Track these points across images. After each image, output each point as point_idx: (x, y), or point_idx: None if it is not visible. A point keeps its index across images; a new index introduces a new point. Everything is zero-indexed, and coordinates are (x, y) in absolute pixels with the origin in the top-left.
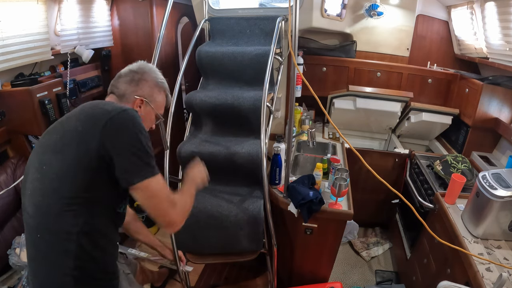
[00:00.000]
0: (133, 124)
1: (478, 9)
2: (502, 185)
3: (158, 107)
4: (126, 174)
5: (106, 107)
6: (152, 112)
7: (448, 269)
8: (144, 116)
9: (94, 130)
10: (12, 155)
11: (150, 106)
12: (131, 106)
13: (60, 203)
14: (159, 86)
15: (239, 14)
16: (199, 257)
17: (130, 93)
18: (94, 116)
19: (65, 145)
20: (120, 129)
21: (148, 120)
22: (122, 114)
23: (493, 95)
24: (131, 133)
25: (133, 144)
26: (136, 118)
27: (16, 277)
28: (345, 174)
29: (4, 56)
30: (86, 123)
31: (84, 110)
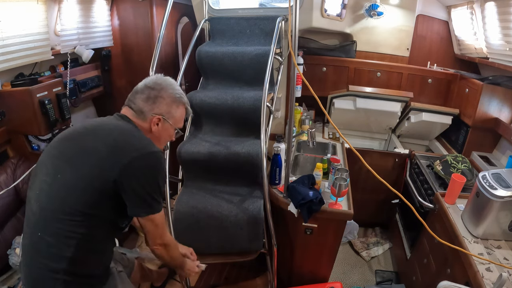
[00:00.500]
0: (157, 169)
1: (478, 9)
2: (502, 185)
3: (176, 122)
4: (137, 209)
5: (134, 142)
6: (171, 128)
7: (448, 269)
8: (162, 132)
9: (115, 162)
10: (12, 155)
11: (168, 123)
12: (149, 123)
13: (64, 212)
14: (177, 101)
15: (239, 14)
16: (199, 257)
17: (148, 111)
18: (121, 148)
19: (82, 162)
20: (142, 173)
21: (166, 135)
22: (148, 158)
23: (493, 95)
24: (152, 177)
25: (150, 186)
26: (161, 163)
27: (16, 277)
28: (345, 174)
29: (4, 56)
30: (110, 151)
31: (112, 134)
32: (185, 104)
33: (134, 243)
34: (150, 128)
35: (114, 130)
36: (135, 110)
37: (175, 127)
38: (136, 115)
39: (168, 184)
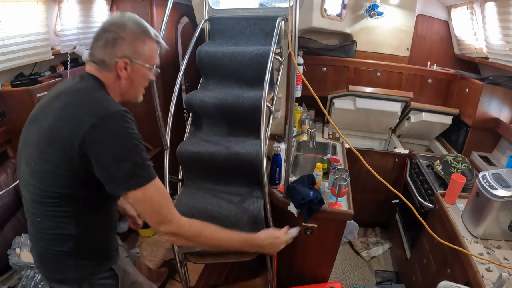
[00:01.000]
0: (121, 131)
1: (478, 9)
2: (502, 185)
3: (147, 59)
4: (111, 185)
5: (90, 108)
6: (143, 68)
7: (448, 269)
8: (133, 76)
9: (74, 137)
10: (12, 155)
11: (137, 63)
12: (115, 71)
13: (48, 196)
14: (142, 37)
15: (239, 14)
16: (199, 257)
17: (109, 59)
18: (78, 119)
19: (46, 146)
20: (104, 140)
21: (139, 78)
22: (107, 122)
23: (493, 95)
24: (118, 142)
25: (118, 153)
26: (125, 122)
27: (16, 277)
28: (345, 174)
29: (4, 56)
30: (67, 127)
31: (66, 107)
32: (152, 37)
33: (134, 243)
34: (118, 76)
35: (69, 101)
36: (97, 62)
37: (147, 65)
38: (99, 67)
39: (168, 184)
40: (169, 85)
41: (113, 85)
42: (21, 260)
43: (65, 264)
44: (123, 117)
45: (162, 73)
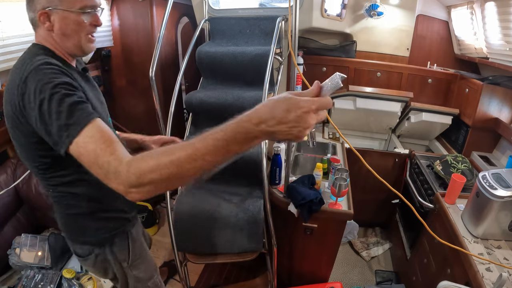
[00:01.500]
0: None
1: (478, 9)
2: (502, 185)
3: (71, 4)
4: (53, 144)
5: (16, 74)
6: (70, 14)
7: (448, 269)
8: (61, 26)
9: (15, 108)
10: (12, 155)
11: (60, 11)
12: (43, 27)
13: (42, 171)
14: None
15: (239, 14)
16: (199, 257)
17: (33, 15)
18: (11, 90)
19: (11, 130)
20: (29, 98)
21: (71, 26)
22: (25, 82)
23: (493, 95)
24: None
25: (41, 109)
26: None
27: (16, 277)
28: (345, 174)
29: (4, 56)
30: (9, 100)
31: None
32: None
33: None
34: (47, 30)
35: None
36: (32, 24)
37: (75, 9)
38: (34, 28)
39: None
40: (169, 85)
41: (49, 41)
42: (21, 260)
43: (85, 227)
44: (39, 70)
45: (162, 73)
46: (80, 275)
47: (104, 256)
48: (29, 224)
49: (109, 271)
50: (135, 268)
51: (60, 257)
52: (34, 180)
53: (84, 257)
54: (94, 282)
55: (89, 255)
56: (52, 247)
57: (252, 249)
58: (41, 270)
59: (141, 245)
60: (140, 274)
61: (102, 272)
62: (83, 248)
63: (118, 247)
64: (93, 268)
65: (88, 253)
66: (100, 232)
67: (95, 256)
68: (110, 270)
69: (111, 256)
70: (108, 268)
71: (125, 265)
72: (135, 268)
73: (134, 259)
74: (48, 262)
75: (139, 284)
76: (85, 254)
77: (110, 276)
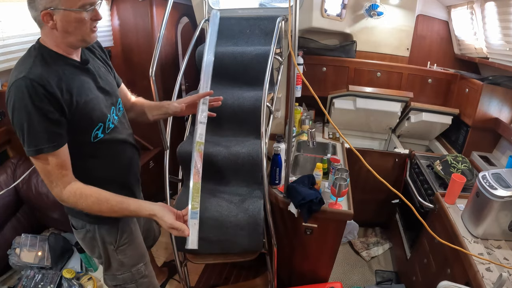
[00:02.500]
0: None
1: (478, 9)
2: (502, 185)
3: (70, 3)
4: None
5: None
6: (72, 13)
7: (448, 269)
8: (64, 24)
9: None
10: (12, 155)
11: (60, 10)
12: (46, 27)
13: None
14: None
15: (239, 14)
16: (199, 257)
17: (36, 15)
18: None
19: None
20: (9, 109)
21: (74, 24)
22: (9, 92)
23: (493, 95)
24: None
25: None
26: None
27: (16, 277)
28: (345, 174)
29: (4, 56)
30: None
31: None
32: None
33: None
34: (50, 29)
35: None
36: (37, 24)
37: (76, 8)
38: (38, 27)
39: (168, 184)
40: (169, 85)
41: (52, 39)
42: (21, 260)
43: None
44: (20, 87)
45: (162, 73)
46: (80, 275)
47: (93, 234)
48: (29, 224)
49: (95, 250)
50: (121, 252)
51: (60, 257)
52: (34, 180)
53: (77, 229)
54: (94, 282)
55: (81, 228)
56: (52, 247)
57: (252, 249)
58: (41, 270)
59: (131, 232)
60: (125, 259)
61: (90, 249)
62: (77, 221)
63: (107, 230)
64: (82, 242)
65: (81, 227)
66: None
67: (85, 231)
68: (97, 250)
69: (99, 236)
70: (95, 247)
71: (111, 248)
72: (121, 252)
73: (121, 244)
74: (48, 262)
75: (123, 268)
76: (78, 226)
77: (96, 255)
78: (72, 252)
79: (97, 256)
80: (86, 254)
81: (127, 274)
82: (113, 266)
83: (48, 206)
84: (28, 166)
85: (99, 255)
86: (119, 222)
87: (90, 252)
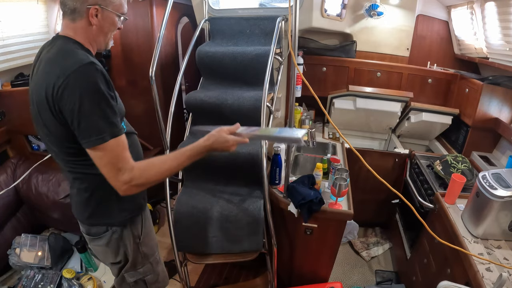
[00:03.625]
0: (85, 86)
1: (478, 9)
2: (502, 185)
3: (117, 7)
4: (82, 140)
5: (56, 69)
6: (112, 15)
7: (448, 269)
8: (103, 23)
9: (50, 96)
10: (12, 155)
11: (107, 10)
12: (86, 18)
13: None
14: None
15: (239, 14)
16: (199, 257)
17: (81, 6)
18: (49, 78)
19: (41, 121)
20: (71, 96)
21: (109, 25)
22: (69, 77)
23: (493, 95)
24: (82, 97)
25: (84, 108)
26: (90, 76)
27: (16, 277)
28: (345, 174)
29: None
30: (44, 87)
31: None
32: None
33: None
34: (90, 22)
35: (43, 69)
36: (69, 13)
37: (117, 13)
38: (71, 18)
39: (168, 184)
40: (169, 85)
41: (84, 33)
42: (21, 260)
43: (109, 210)
44: (88, 70)
45: (162, 73)
46: (80, 275)
47: (120, 234)
48: (29, 224)
49: (120, 250)
50: (143, 244)
51: (60, 257)
52: (34, 180)
53: (98, 235)
54: (94, 282)
55: (104, 233)
56: (52, 247)
57: (252, 249)
58: (41, 270)
59: (150, 223)
60: (147, 250)
61: (114, 253)
62: (98, 228)
63: (135, 225)
64: (106, 247)
65: (104, 231)
66: (123, 214)
67: (111, 233)
68: (122, 249)
69: (128, 233)
70: (120, 247)
71: (137, 241)
72: (143, 244)
73: (143, 235)
74: (48, 262)
75: (144, 260)
76: (99, 232)
77: (120, 257)
78: (72, 252)
79: (121, 258)
80: (86, 254)
81: (147, 266)
82: (138, 261)
83: (48, 206)
84: (28, 166)
85: (124, 256)
86: (142, 215)
87: (113, 257)
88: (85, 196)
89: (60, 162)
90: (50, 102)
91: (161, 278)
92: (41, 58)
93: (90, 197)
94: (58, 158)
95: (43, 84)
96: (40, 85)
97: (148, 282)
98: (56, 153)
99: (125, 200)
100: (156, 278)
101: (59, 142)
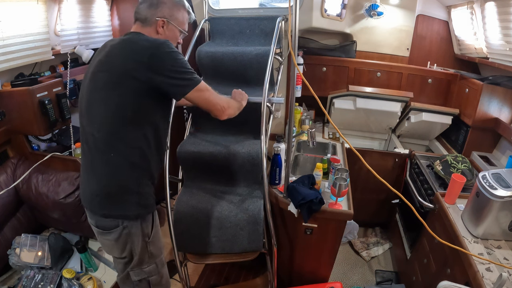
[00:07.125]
0: (174, 50)
1: (478, 9)
2: (502, 185)
3: (180, 23)
4: (181, 88)
5: (144, 43)
6: (176, 30)
7: (448, 269)
8: (168, 34)
9: (140, 66)
10: (12, 155)
11: (172, 25)
12: (154, 27)
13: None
14: (178, 5)
15: (239, 14)
16: (199, 257)
17: (151, 16)
18: (136, 53)
19: (117, 83)
20: (165, 58)
21: (172, 37)
22: (162, 46)
23: (493, 95)
24: (174, 57)
25: (176, 67)
26: (171, 47)
27: (16, 277)
28: (345, 174)
29: (4, 56)
30: (131, 60)
31: (124, 47)
32: (186, 8)
33: None
34: (157, 31)
35: (125, 47)
36: (141, 20)
37: (180, 28)
38: (142, 23)
39: (168, 184)
40: None
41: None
42: (21, 260)
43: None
44: (169, 44)
45: None
46: (80, 275)
47: (130, 230)
48: (29, 224)
49: (127, 246)
50: (151, 244)
51: (60, 257)
52: (34, 180)
53: (109, 230)
54: (94, 282)
55: (115, 227)
56: (52, 247)
57: (252, 249)
58: (41, 270)
59: (157, 220)
60: (154, 250)
61: (120, 249)
62: (110, 221)
63: (146, 223)
64: (115, 242)
65: (115, 226)
66: (138, 208)
67: (121, 229)
68: (129, 246)
69: (139, 230)
70: (127, 243)
71: (146, 240)
72: (151, 244)
73: (152, 234)
74: (48, 262)
75: (151, 260)
76: (111, 227)
77: (125, 254)
78: (72, 252)
79: (126, 254)
80: (86, 254)
81: (153, 266)
82: (144, 260)
83: (48, 206)
84: (28, 166)
85: (129, 253)
86: (153, 214)
87: (119, 252)
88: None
89: (103, 145)
90: (142, 67)
91: (164, 281)
92: (107, 44)
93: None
94: (100, 141)
95: (129, 55)
96: (124, 57)
97: (152, 283)
98: (105, 132)
99: (143, 194)
100: (159, 280)
101: (127, 106)
